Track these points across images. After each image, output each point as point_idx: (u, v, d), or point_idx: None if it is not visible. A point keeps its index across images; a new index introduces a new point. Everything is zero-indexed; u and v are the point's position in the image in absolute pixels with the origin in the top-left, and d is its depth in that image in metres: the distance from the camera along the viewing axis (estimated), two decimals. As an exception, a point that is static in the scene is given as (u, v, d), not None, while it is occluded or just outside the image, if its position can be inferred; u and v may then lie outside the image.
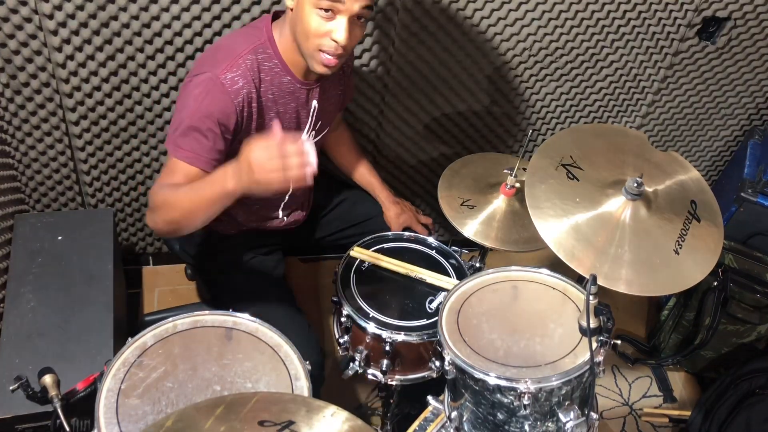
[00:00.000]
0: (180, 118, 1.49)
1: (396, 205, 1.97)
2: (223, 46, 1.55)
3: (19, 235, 1.91)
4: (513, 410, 1.36)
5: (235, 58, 1.49)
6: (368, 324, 1.60)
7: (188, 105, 1.48)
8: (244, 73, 1.49)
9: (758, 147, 2.46)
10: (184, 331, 1.41)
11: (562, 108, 2.37)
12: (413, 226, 1.96)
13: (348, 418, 1.03)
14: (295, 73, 1.58)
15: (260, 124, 1.58)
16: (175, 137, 1.49)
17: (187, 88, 1.50)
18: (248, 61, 1.50)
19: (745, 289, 2.19)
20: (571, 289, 1.53)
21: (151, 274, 2.45)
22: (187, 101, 1.48)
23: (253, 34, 1.55)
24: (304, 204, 1.92)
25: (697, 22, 2.19)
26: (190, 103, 1.47)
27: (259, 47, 1.52)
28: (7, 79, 1.82)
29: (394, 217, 1.95)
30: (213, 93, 1.46)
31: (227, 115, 1.48)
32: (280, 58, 1.55)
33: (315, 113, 1.68)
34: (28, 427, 1.56)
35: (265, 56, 1.53)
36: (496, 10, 2.01)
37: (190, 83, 1.51)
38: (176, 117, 1.51)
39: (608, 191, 1.57)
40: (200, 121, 1.46)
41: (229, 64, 1.48)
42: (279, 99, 1.58)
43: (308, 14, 1.41)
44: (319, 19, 1.41)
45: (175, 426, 0.98)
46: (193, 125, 1.47)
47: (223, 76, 1.47)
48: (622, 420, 2.32)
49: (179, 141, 1.48)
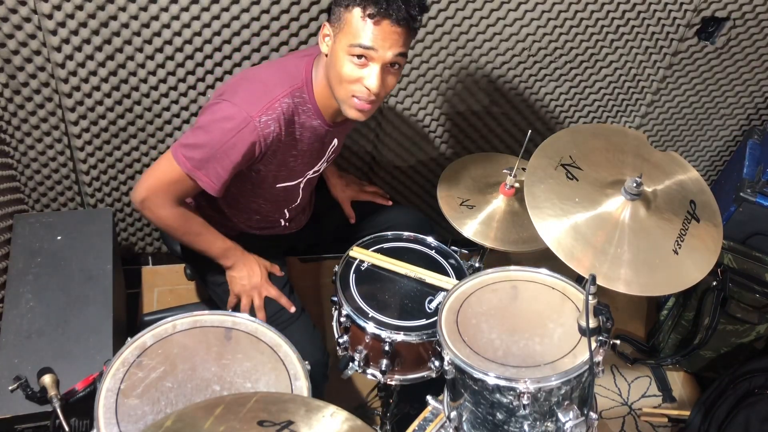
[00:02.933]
0: (201, 140, 1.49)
1: (340, 178, 2.01)
2: (261, 81, 1.53)
3: (18, 235, 1.91)
4: (512, 410, 1.36)
5: (272, 101, 1.48)
6: (367, 324, 1.60)
7: (215, 133, 1.48)
8: (278, 117, 1.49)
9: (757, 147, 2.47)
10: (183, 331, 1.41)
11: (561, 108, 2.37)
12: (360, 196, 2.01)
13: (347, 418, 1.03)
14: (326, 117, 1.59)
15: (281, 159, 1.59)
16: (194, 158, 1.50)
17: (216, 114, 1.49)
18: (284, 104, 1.50)
19: (744, 289, 2.19)
20: (571, 288, 1.53)
21: (150, 274, 2.45)
22: (214, 128, 1.48)
23: (292, 75, 1.53)
24: (306, 209, 1.93)
25: (696, 22, 2.19)
26: (217, 133, 1.47)
27: (296, 90, 1.52)
28: (7, 79, 1.81)
29: (340, 191, 1.99)
30: (244, 133, 1.47)
31: (252, 152, 1.50)
32: (314, 102, 1.55)
33: (333, 149, 1.72)
34: (27, 427, 1.56)
35: (301, 100, 1.54)
36: (495, 10, 2.01)
37: (219, 109, 1.49)
38: (197, 134, 1.50)
39: (607, 191, 1.57)
40: (224, 155, 1.48)
41: (266, 107, 1.48)
42: (305, 139, 1.60)
43: (342, 61, 1.42)
44: (352, 66, 1.42)
45: (174, 426, 0.98)
46: (215, 155, 1.48)
47: (258, 118, 1.47)
48: (622, 420, 2.32)
49: (198, 164, 1.50)
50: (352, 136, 2.22)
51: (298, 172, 1.68)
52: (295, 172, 1.67)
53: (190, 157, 1.50)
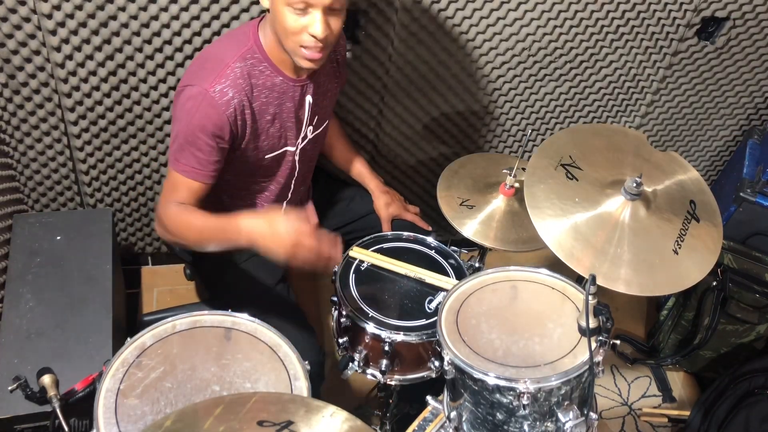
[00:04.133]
0: (175, 133, 1.52)
1: (386, 194, 1.97)
2: (211, 56, 1.56)
3: (17, 235, 1.91)
4: (512, 410, 1.36)
5: (223, 69, 1.49)
6: (367, 324, 1.60)
7: (182, 119, 1.50)
8: (234, 83, 1.49)
9: (757, 147, 2.47)
10: (183, 331, 1.41)
11: (561, 108, 2.37)
12: (402, 215, 1.97)
13: (347, 418, 1.03)
14: (285, 72, 1.58)
15: (255, 128, 1.58)
16: (173, 151, 1.53)
17: (180, 101, 1.52)
18: (237, 69, 1.50)
19: (744, 289, 2.19)
20: (571, 289, 1.53)
21: (149, 274, 2.45)
22: (181, 115, 1.51)
23: (240, 41, 1.55)
24: (304, 204, 1.92)
25: (696, 22, 2.19)
26: (183, 117, 1.50)
27: (246, 53, 1.53)
28: (6, 79, 1.81)
29: (383, 207, 1.95)
30: (203, 107, 1.47)
31: (220, 127, 1.50)
32: (269, 60, 1.55)
33: (311, 108, 1.68)
34: (26, 427, 1.56)
35: (254, 61, 1.53)
36: (495, 10, 2.01)
37: (181, 94, 1.52)
38: (173, 130, 1.54)
39: (607, 191, 1.57)
40: (194, 135, 1.49)
41: (218, 75, 1.48)
42: (273, 101, 1.59)
43: (282, 13, 1.41)
44: (293, 16, 1.41)
45: (174, 426, 0.98)
46: (188, 140, 1.49)
47: (212, 89, 1.47)
48: (621, 420, 2.32)
49: (177, 155, 1.52)
50: (352, 135, 2.22)
51: (282, 138, 1.66)
52: (278, 138, 1.65)
53: (172, 152, 1.53)
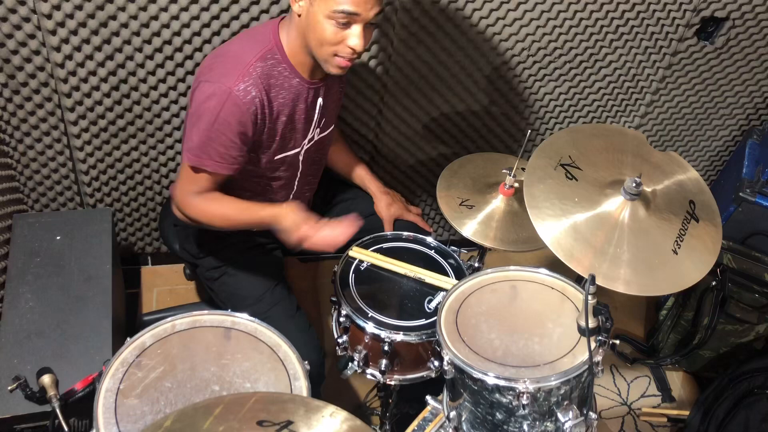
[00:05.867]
0: (197, 130, 1.52)
1: (386, 195, 1.98)
2: (232, 54, 1.56)
3: (17, 235, 1.91)
4: (512, 410, 1.36)
5: (245, 67, 1.51)
6: (367, 324, 1.60)
7: (204, 117, 1.51)
8: (256, 82, 1.51)
9: (756, 147, 2.47)
10: (182, 331, 1.41)
11: (560, 108, 2.37)
12: (404, 216, 1.97)
13: (347, 418, 1.03)
14: (302, 74, 1.60)
15: (272, 127, 1.60)
16: (194, 148, 1.53)
17: (198, 98, 1.52)
18: (258, 68, 1.52)
19: (743, 289, 2.19)
20: (570, 288, 1.53)
21: (149, 274, 2.45)
22: (202, 113, 1.51)
23: (259, 40, 1.56)
24: (305, 205, 1.92)
25: (695, 22, 2.19)
26: (206, 116, 1.50)
27: (267, 53, 1.54)
28: (6, 79, 1.81)
29: (384, 208, 1.95)
30: (228, 106, 1.49)
31: (244, 124, 1.52)
32: (288, 62, 1.57)
33: (320, 111, 1.70)
34: (26, 427, 1.56)
35: (273, 62, 1.55)
36: (495, 10, 2.01)
37: (200, 92, 1.52)
38: (192, 128, 1.54)
39: (607, 191, 1.57)
40: (218, 132, 1.51)
41: (241, 74, 1.50)
42: (289, 102, 1.61)
43: (322, 24, 1.44)
44: (334, 29, 1.44)
45: (173, 426, 0.98)
46: (211, 137, 1.51)
47: (236, 87, 1.49)
48: (621, 420, 2.32)
49: (200, 152, 1.53)
50: (352, 136, 2.22)
51: (291, 139, 1.68)
52: (290, 140, 1.67)
53: (190, 148, 1.54)
